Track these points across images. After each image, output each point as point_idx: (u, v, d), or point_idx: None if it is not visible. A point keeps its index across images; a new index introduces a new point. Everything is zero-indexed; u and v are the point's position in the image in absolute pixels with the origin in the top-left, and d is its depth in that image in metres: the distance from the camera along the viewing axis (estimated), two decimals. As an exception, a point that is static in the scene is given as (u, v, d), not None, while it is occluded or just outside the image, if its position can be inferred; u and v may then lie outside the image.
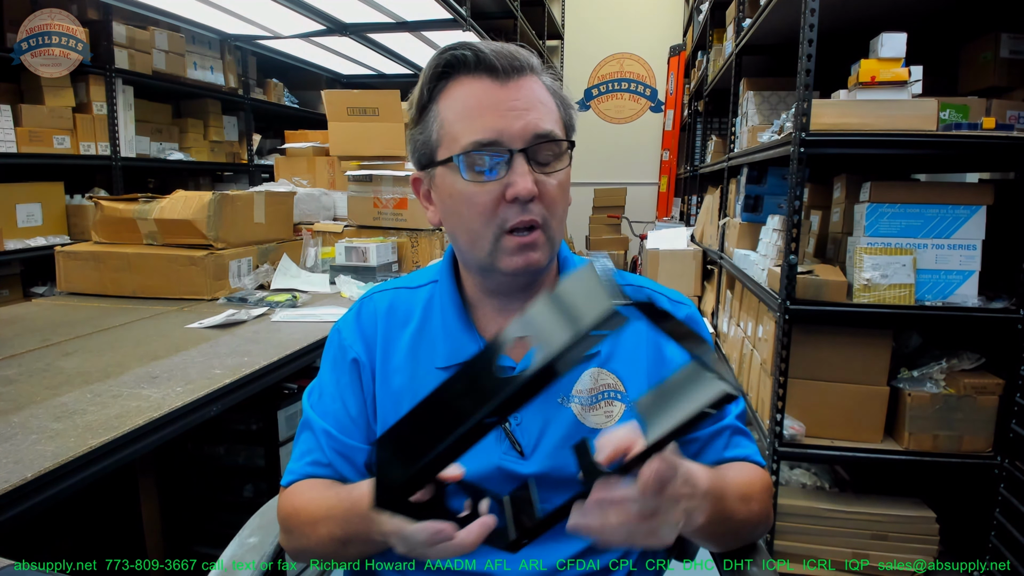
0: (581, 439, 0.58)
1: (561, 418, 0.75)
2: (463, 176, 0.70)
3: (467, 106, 0.70)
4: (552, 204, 0.71)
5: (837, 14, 1.95)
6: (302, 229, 2.62)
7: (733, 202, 3.08)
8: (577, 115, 0.79)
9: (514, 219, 0.69)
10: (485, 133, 0.68)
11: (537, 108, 0.70)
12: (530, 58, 0.73)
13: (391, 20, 3.29)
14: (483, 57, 0.69)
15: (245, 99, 4.34)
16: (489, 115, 0.69)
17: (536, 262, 0.72)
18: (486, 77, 0.70)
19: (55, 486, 0.89)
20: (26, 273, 3.09)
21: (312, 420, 0.79)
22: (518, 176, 0.68)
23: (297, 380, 1.76)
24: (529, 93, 0.71)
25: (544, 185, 0.70)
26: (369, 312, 0.82)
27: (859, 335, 1.84)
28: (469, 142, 0.69)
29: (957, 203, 1.73)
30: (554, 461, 0.74)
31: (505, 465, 0.74)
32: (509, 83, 0.70)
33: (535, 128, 0.69)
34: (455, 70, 0.71)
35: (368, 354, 0.79)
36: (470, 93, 0.70)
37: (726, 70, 3.17)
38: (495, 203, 0.69)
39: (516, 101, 0.69)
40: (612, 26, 6.39)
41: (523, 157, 0.69)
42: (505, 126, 0.68)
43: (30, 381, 1.24)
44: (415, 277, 0.86)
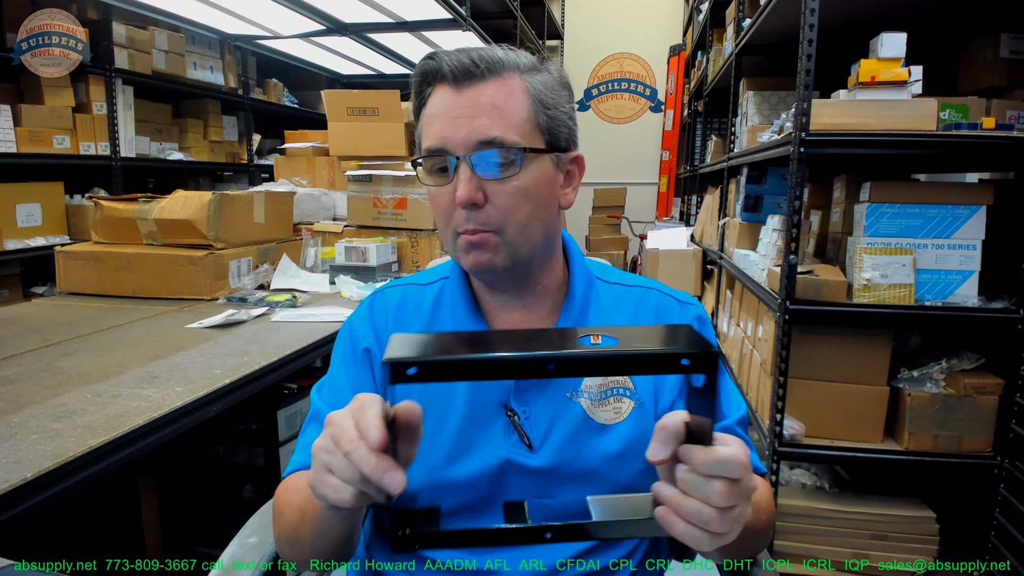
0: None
1: (570, 413, 0.76)
2: (425, 181, 0.75)
3: (429, 113, 0.74)
4: (508, 210, 0.71)
5: (837, 14, 1.95)
6: (302, 229, 2.62)
7: (733, 202, 3.08)
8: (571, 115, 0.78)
9: (463, 224, 0.72)
10: (433, 140, 0.72)
11: (487, 114, 0.70)
12: (498, 60, 0.72)
13: (391, 20, 3.29)
14: (441, 65, 0.72)
15: (245, 99, 4.34)
16: (439, 122, 0.72)
17: (487, 262, 0.73)
18: (447, 85, 0.72)
19: (55, 486, 0.89)
20: (26, 273, 3.09)
21: (321, 411, 0.79)
22: (459, 183, 0.70)
23: (297, 380, 1.76)
24: (481, 99, 0.71)
25: (495, 192, 0.71)
26: (381, 305, 0.83)
27: (859, 335, 1.84)
28: (424, 148, 0.74)
29: (957, 203, 1.73)
30: (562, 455, 0.74)
31: (513, 458, 0.74)
32: (463, 90, 0.71)
33: (478, 135, 0.70)
34: (430, 78, 0.74)
35: (379, 345, 0.80)
36: (434, 101, 0.73)
37: (726, 70, 3.17)
38: (450, 205, 0.73)
39: (464, 108, 0.71)
40: (612, 26, 6.39)
41: (466, 164, 0.70)
42: (450, 134, 0.71)
43: (30, 381, 1.24)
44: (425, 275, 0.87)
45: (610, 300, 0.82)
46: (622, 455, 0.76)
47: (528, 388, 0.76)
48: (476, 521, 0.75)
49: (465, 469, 0.74)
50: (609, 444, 0.75)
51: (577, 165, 0.80)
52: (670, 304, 0.83)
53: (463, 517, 0.75)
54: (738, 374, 2.56)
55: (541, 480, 0.74)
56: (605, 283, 0.84)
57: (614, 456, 0.75)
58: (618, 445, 0.76)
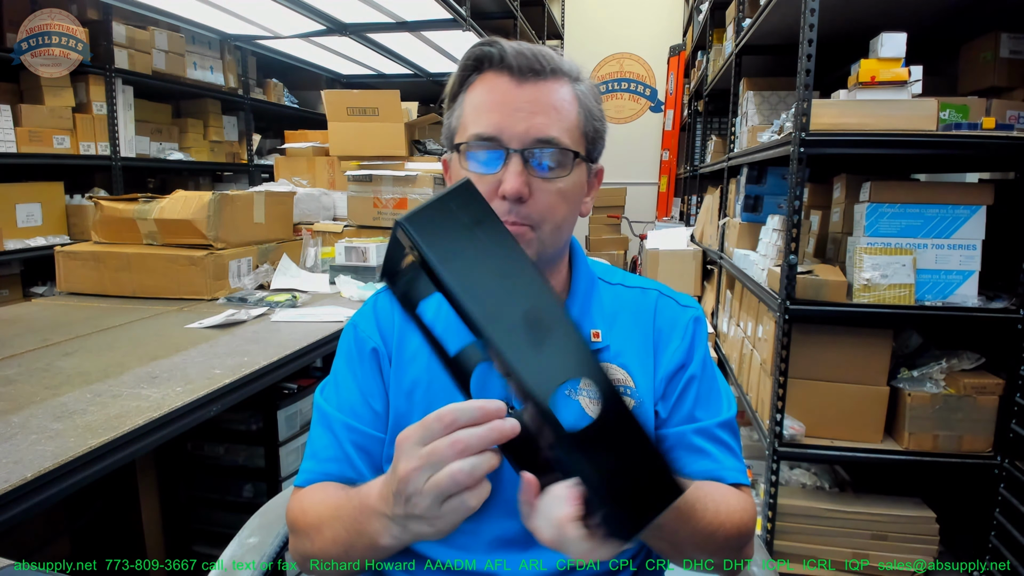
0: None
1: (568, 410, 0.75)
2: (464, 165, 0.74)
3: (482, 100, 0.73)
4: (548, 209, 0.73)
5: (837, 14, 1.95)
6: (302, 229, 2.62)
7: (733, 202, 3.08)
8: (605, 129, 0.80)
9: (503, 216, 0.71)
10: (487, 128, 0.71)
11: (547, 113, 0.72)
12: (560, 63, 0.74)
13: (391, 20, 3.28)
14: (505, 56, 0.72)
15: (245, 99, 4.34)
16: (496, 112, 0.71)
17: None
18: (506, 75, 0.72)
19: (55, 486, 0.89)
20: (26, 273, 3.09)
21: (329, 414, 0.79)
22: (509, 175, 0.70)
23: (297, 380, 1.76)
24: (543, 97, 0.72)
25: (540, 190, 0.72)
26: (385, 304, 0.83)
27: (859, 335, 1.84)
28: (472, 133, 0.72)
29: (957, 203, 1.73)
30: None
31: None
32: (525, 84, 0.72)
33: (537, 132, 0.71)
34: (484, 64, 0.74)
35: (385, 344, 0.80)
36: (488, 88, 0.73)
37: (726, 70, 3.17)
38: (490, 196, 0.71)
39: (527, 103, 0.71)
40: (612, 26, 6.39)
41: (519, 158, 0.70)
42: (508, 125, 0.71)
43: (30, 381, 1.24)
44: None
45: (612, 300, 0.83)
46: None
47: None
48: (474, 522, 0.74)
49: None
50: None
51: (598, 177, 0.83)
52: (669, 305, 0.83)
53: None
54: (738, 374, 2.56)
55: None
56: (607, 284, 0.85)
57: None
58: None
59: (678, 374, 0.79)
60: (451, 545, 0.75)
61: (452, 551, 0.75)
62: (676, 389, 0.79)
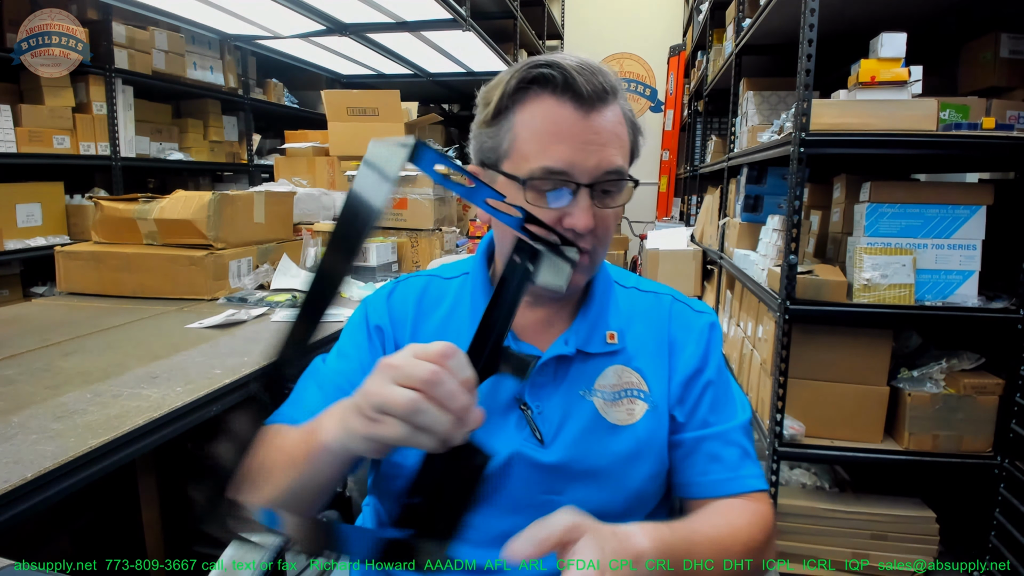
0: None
1: (582, 410, 0.76)
2: (524, 198, 0.70)
3: (545, 129, 0.69)
4: (604, 233, 0.73)
5: (837, 14, 1.95)
6: (302, 229, 2.62)
7: (733, 202, 3.08)
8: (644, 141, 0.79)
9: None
10: (557, 162, 0.68)
11: (613, 143, 0.71)
12: (613, 82, 0.72)
13: (391, 20, 3.28)
14: (571, 81, 0.68)
15: (245, 99, 4.34)
16: (565, 144, 0.68)
17: (576, 283, 0.76)
18: (570, 103, 0.69)
19: (55, 486, 0.89)
20: (26, 273, 3.09)
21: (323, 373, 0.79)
22: (579, 210, 0.69)
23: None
24: (608, 125, 0.70)
25: (599, 216, 0.71)
26: (401, 294, 0.83)
27: (859, 335, 1.84)
28: (538, 167, 0.69)
29: (957, 203, 1.73)
30: (573, 451, 0.74)
31: (525, 452, 0.74)
32: (592, 113, 0.69)
33: (608, 165, 0.69)
34: (539, 85, 0.70)
35: (393, 328, 0.80)
36: (550, 116, 0.69)
37: (726, 70, 3.17)
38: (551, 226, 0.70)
39: (595, 135, 0.69)
40: (612, 26, 6.39)
41: (588, 192, 0.69)
42: (579, 160, 0.68)
43: (30, 381, 1.24)
44: (448, 269, 0.87)
45: (627, 304, 0.83)
46: (632, 456, 0.76)
47: (543, 384, 0.76)
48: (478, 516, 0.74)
49: None
50: (620, 445, 0.75)
51: None
52: (684, 311, 0.83)
53: None
54: (738, 374, 2.56)
55: (550, 476, 0.74)
56: (621, 287, 0.85)
57: (624, 457, 0.75)
58: (629, 446, 0.76)
59: (694, 379, 0.79)
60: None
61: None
62: (693, 394, 0.79)
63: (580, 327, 0.79)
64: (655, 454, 0.77)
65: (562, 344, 0.77)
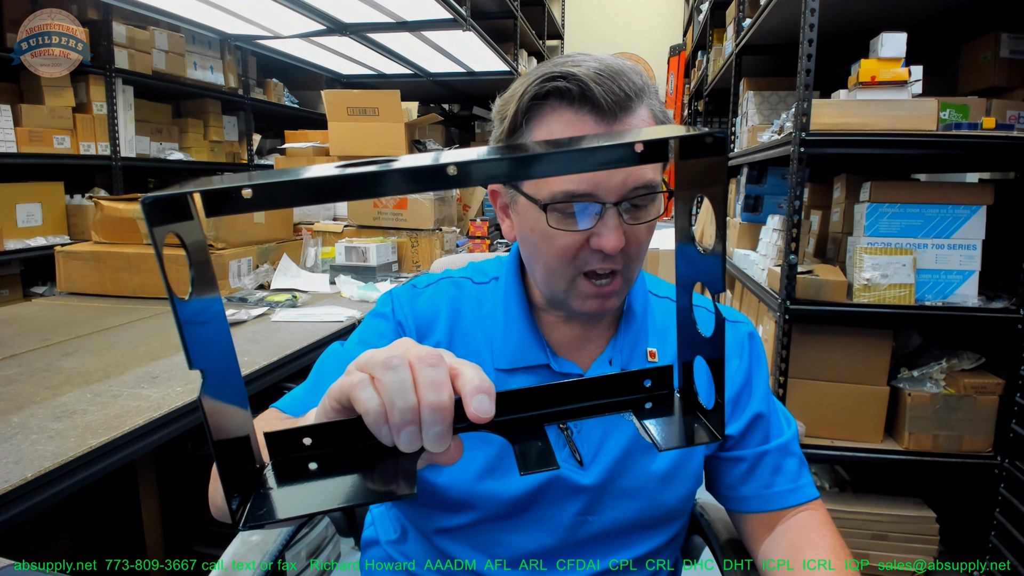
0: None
1: (621, 430, 0.74)
2: (552, 223, 0.64)
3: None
4: (636, 250, 0.67)
5: (837, 14, 1.95)
6: (302, 229, 2.62)
7: (733, 202, 3.08)
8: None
9: (595, 264, 0.65)
10: (579, 184, 0.62)
11: None
12: (638, 84, 0.65)
13: (391, 20, 3.28)
14: (589, 92, 0.62)
15: (245, 99, 4.34)
16: None
17: (609, 307, 0.70)
18: (589, 116, 0.63)
19: (55, 486, 0.89)
20: (26, 273, 3.09)
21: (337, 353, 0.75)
22: (607, 230, 0.63)
23: (297, 380, 1.75)
24: None
25: (631, 232, 0.65)
26: (430, 298, 0.78)
27: (859, 335, 1.84)
28: (560, 191, 0.63)
29: (957, 203, 1.73)
30: (611, 473, 0.73)
31: (564, 474, 0.72)
32: (615, 125, 0.63)
33: (636, 180, 0.63)
34: (556, 97, 0.65)
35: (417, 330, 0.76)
36: (568, 133, 0.63)
37: (726, 70, 3.17)
38: (577, 247, 0.65)
39: None
40: (612, 26, 6.39)
41: (615, 211, 0.63)
42: (603, 179, 0.62)
43: (30, 381, 1.24)
44: (477, 272, 0.82)
45: (663, 315, 0.79)
46: (668, 476, 0.75)
47: None
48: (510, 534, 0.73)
49: (512, 481, 0.71)
50: (657, 465, 0.75)
51: None
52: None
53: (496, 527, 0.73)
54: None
55: (586, 497, 0.73)
56: (656, 297, 0.81)
57: (660, 477, 0.74)
58: (665, 466, 0.75)
59: (742, 395, 0.78)
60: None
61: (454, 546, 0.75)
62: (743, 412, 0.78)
63: (622, 345, 0.76)
64: (691, 474, 0.77)
65: (606, 364, 0.75)
